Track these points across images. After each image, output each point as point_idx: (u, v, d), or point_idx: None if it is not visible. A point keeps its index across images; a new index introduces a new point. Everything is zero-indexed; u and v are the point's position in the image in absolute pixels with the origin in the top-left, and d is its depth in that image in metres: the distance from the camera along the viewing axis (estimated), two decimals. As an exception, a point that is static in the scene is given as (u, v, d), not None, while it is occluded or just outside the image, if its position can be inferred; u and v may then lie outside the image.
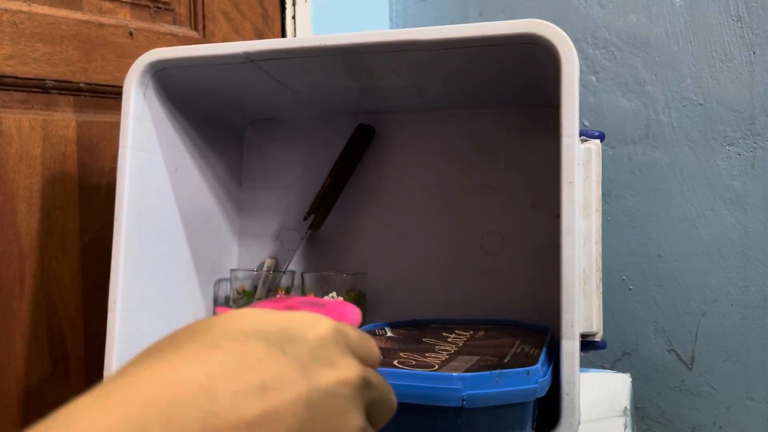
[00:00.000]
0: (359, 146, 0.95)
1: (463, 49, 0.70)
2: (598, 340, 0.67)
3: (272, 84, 0.83)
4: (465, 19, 1.24)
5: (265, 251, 0.99)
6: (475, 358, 0.61)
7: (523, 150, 0.90)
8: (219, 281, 0.95)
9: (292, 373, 0.30)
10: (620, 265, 1.09)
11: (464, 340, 0.71)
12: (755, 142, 1.01)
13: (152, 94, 0.81)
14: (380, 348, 0.66)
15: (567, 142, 0.62)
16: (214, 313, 0.94)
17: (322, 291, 0.86)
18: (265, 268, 0.94)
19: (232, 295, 0.89)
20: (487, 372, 0.53)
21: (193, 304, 0.90)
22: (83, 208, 0.94)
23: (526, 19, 0.66)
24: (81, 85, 0.94)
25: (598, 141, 0.68)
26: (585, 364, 1.10)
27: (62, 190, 0.93)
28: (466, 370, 0.55)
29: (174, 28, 1.03)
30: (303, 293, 0.88)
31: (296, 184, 0.99)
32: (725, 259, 1.03)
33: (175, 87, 0.83)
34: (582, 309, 0.65)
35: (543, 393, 0.56)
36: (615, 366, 1.10)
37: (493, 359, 0.61)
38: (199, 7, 1.06)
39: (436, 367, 0.57)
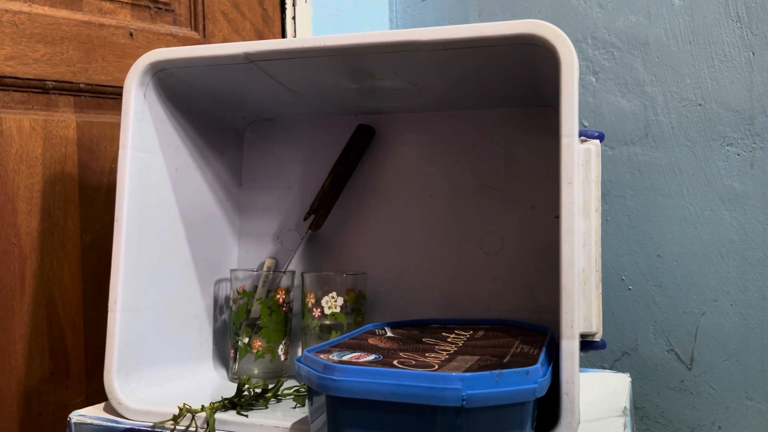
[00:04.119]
0: (359, 146, 0.95)
1: (463, 50, 0.70)
2: (598, 340, 0.67)
3: (272, 84, 0.83)
4: (465, 20, 1.24)
5: (265, 251, 0.99)
6: (475, 358, 0.62)
7: (523, 150, 0.91)
8: (219, 281, 0.95)
9: None
10: (620, 265, 1.09)
11: (464, 340, 0.71)
12: (754, 143, 1.01)
13: (152, 95, 0.81)
14: (380, 348, 0.66)
15: (566, 142, 0.63)
16: (214, 313, 0.94)
17: (322, 291, 0.86)
18: (265, 268, 0.95)
19: (232, 295, 0.89)
20: (487, 372, 0.54)
21: (193, 304, 0.90)
22: (83, 208, 0.95)
23: (526, 19, 0.66)
24: (81, 85, 0.94)
25: (597, 141, 0.69)
26: (585, 364, 1.10)
27: (62, 190, 0.93)
28: (466, 370, 0.55)
29: (174, 29, 1.03)
30: (303, 293, 0.88)
31: (296, 184, 0.99)
32: (724, 259, 1.03)
33: (176, 87, 0.83)
34: (582, 309, 0.65)
35: (542, 393, 0.56)
36: (614, 366, 1.10)
37: (493, 359, 0.61)
38: (200, 7, 1.06)
39: (436, 367, 0.57)
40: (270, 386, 0.77)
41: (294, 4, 1.17)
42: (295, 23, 1.17)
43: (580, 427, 0.61)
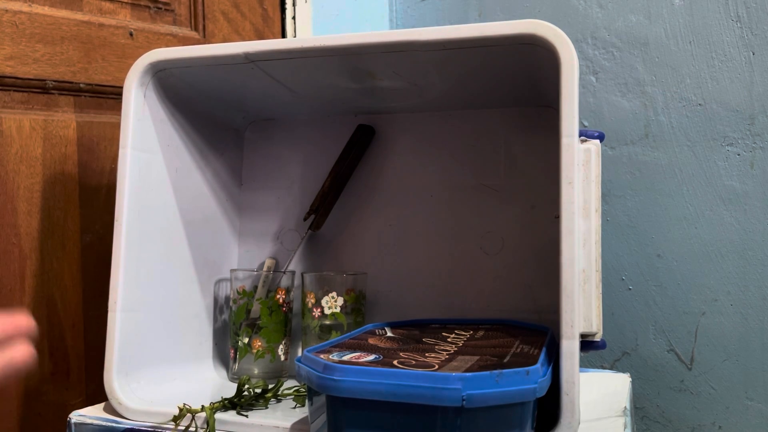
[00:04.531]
0: (359, 146, 0.95)
1: (463, 50, 0.70)
2: (598, 340, 0.67)
3: (272, 84, 0.83)
4: (465, 20, 1.24)
5: (265, 251, 0.99)
6: (475, 358, 0.62)
7: (523, 150, 0.91)
8: (219, 281, 0.95)
9: None
10: (620, 265, 1.09)
11: (464, 340, 0.71)
12: (754, 143, 1.01)
13: (152, 95, 0.81)
14: (380, 348, 0.66)
15: (566, 142, 0.63)
16: (214, 313, 0.94)
17: (322, 291, 0.86)
18: (265, 268, 0.95)
19: (232, 295, 0.89)
20: (487, 372, 0.53)
21: (193, 304, 0.90)
22: (83, 208, 0.95)
23: (526, 19, 0.66)
24: (81, 85, 0.94)
25: (597, 141, 0.69)
26: (585, 364, 1.10)
27: (62, 190, 0.93)
28: (466, 370, 0.55)
29: (174, 29, 1.03)
30: (303, 293, 0.88)
31: (296, 184, 0.99)
32: (724, 259, 1.03)
33: (176, 87, 0.83)
34: (582, 309, 0.65)
35: (543, 393, 0.56)
36: (615, 366, 1.10)
37: (493, 359, 0.61)
38: (200, 7, 1.06)
39: (436, 367, 0.57)
40: (270, 386, 0.77)
41: (294, 4, 1.17)
42: (295, 23, 1.17)
43: (580, 427, 0.61)
